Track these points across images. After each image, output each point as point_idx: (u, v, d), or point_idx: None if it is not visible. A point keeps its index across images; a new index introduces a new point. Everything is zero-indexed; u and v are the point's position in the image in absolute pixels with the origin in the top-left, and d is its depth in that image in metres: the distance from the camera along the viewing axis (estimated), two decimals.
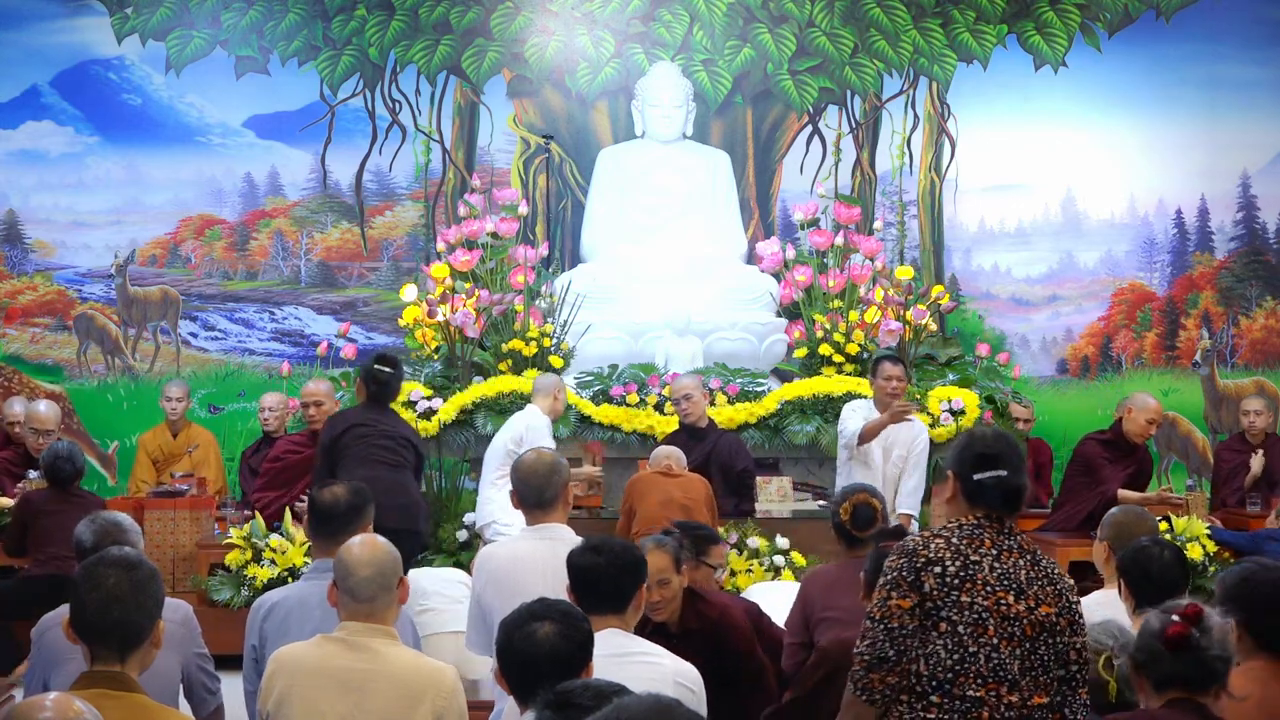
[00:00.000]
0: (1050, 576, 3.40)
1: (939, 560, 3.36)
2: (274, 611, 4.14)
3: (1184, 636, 3.06)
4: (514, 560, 4.33)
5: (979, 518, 3.45)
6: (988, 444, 3.50)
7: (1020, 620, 3.34)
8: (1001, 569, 3.37)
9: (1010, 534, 3.44)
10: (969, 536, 3.41)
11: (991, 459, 3.46)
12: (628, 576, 3.67)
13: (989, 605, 3.33)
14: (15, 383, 10.75)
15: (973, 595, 3.33)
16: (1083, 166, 11.31)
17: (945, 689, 3.31)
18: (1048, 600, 3.36)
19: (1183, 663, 3.07)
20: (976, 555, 3.38)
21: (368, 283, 11.12)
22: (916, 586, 3.35)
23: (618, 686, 2.50)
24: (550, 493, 4.37)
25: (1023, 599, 3.35)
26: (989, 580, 3.35)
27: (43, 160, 11.03)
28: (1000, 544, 3.41)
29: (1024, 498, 3.51)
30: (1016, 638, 3.33)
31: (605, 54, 11.00)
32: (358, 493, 4.38)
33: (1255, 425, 9.12)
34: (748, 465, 8.24)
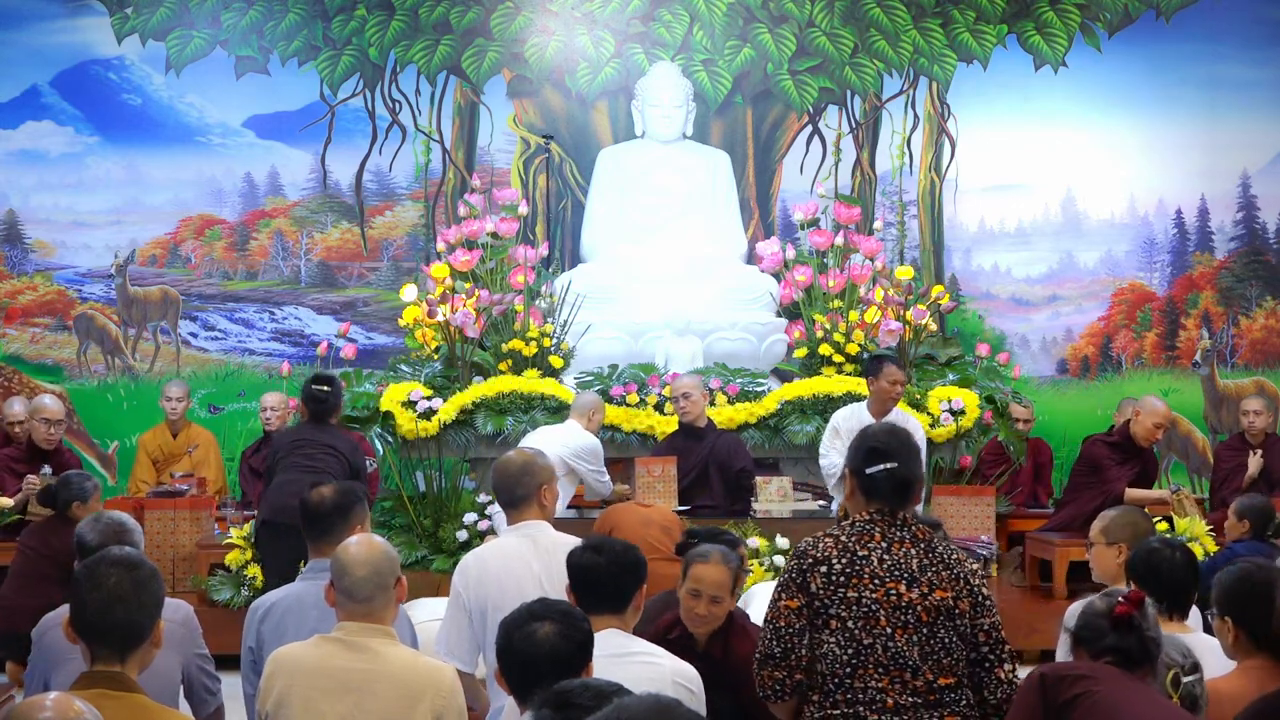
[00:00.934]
0: (946, 562, 3.53)
1: (825, 559, 3.51)
2: (271, 613, 4.14)
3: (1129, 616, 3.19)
4: (490, 559, 4.33)
5: (871, 513, 3.59)
6: (878, 439, 3.67)
7: (914, 607, 3.47)
8: (892, 560, 3.51)
9: (903, 525, 3.57)
10: (859, 533, 3.56)
11: (882, 453, 3.61)
12: (628, 576, 3.67)
13: (878, 597, 3.46)
14: (15, 383, 10.75)
15: (860, 590, 3.48)
16: (1083, 166, 11.31)
17: (846, 683, 3.45)
18: (942, 585, 3.49)
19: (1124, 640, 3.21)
20: (865, 550, 3.52)
21: (368, 283, 11.13)
22: (803, 587, 3.52)
23: (617, 686, 2.50)
24: (521, 491, 4.34)
25: (915, 586, 3.48)
26: (878, 573, 3.49)
27: (43, 160, 11.03)
28: (891, 536, 3.55)
29: (915, 489, 3.65)
30: (911, 625, 3.46)
31: (605, 54, 11.00)
32: (345, 493, 4.38)
33: (1255, 425, 9.12)
34: (746, 465, 8.24)
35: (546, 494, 4.35)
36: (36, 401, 8.50)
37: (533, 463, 4.40)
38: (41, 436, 8.28)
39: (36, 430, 8.29)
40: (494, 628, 4.01)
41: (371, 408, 8.62)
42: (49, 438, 8.29)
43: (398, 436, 8.59)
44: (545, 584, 4.03)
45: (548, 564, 4.11)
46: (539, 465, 4.39)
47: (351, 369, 9.19)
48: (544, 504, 4.34)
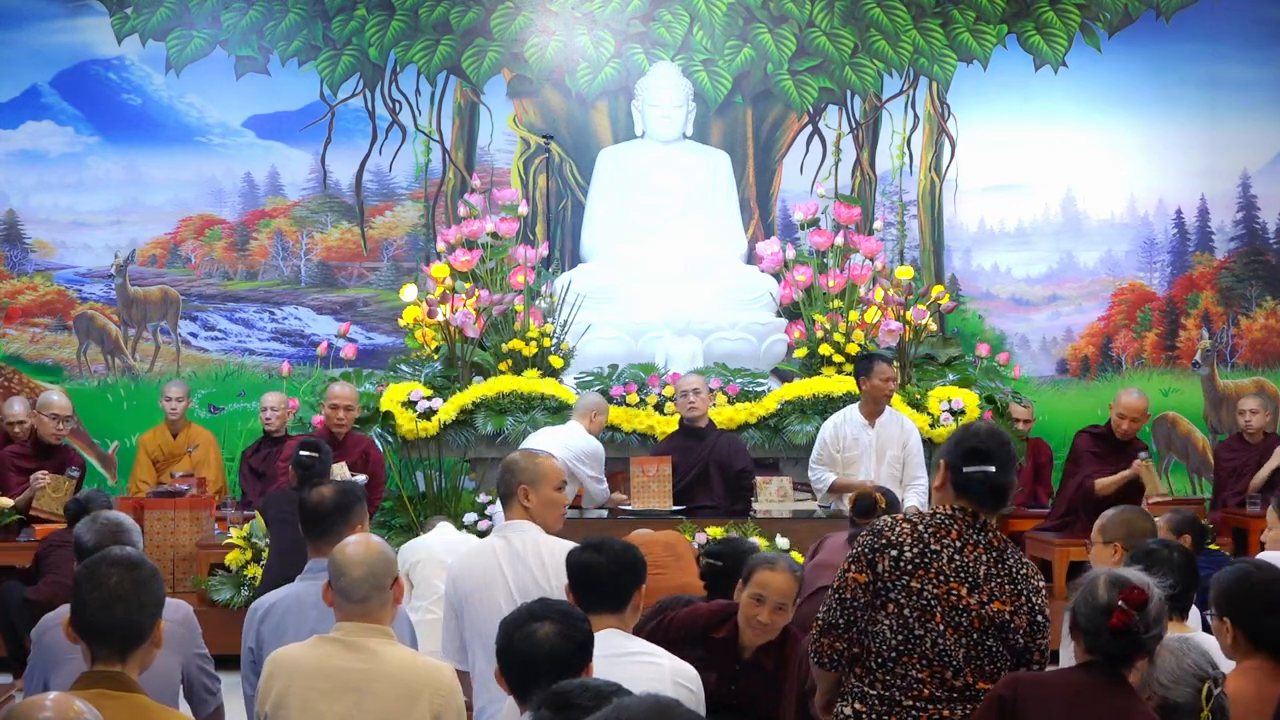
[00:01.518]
0: (1013, 576, 3.52)
1: (898, 544, 3.53)
2: (270, 613, 4.14)
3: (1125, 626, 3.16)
4: (467, 558, 4.35)
5: (955, 509, 3.58)
6: (981, 440, 3.62)
7: (969, 612, 3.48)
8: (961, 561, 3.52)
9: (982, 529, 3.57)
10: (937, 526, 3.57)
11: (983, 454, 3.58)
12: (627, 576, 3.67)
13: (939, 594, 3.48)
14: (15, 383, 10.75)
15: (923, 582, 3.49)
16: (1083, 166, 11.31)
17: (889, 666, 3.50)
18: (1002, 598, 3.49)
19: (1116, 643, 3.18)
20: (938, 545, 3.53)
21: (368, 283, 11.12)
22: (871, 565, 3.55)
23: (616, 686, 2.50)
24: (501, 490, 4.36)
25: (976, 593, 3.49)
26: (944, 570, 3.50)
27: (43, 160, 11.03)
28: (967, 537, 3.55)
29: (1008, 495, 3.64)
30: (964, 628, 3.47)
31: (605, 54, 11.00)
32: (345, 493, 4.38)
33: (1251, 424, 9.12)
34: (746, 465, 8.25)
35: (528, 495, 4.27)
36: (44, 397, 8.52)
37: (515, 463, 4.37)
38: (49, 432, 8.29)
39: (44, 425, 8.29)
40: (470, 626, 4.08)
41: (371, 408, 8.62)
42: (56, 433, 8.32)
43: (398, 436, 8.60)
44: (513, 586, 4.04)
45: (515, 564, 4.11)
46: (520, 465, 4.34)
47: (351, 369, 9.19)
48: (525, 505, 4.27)
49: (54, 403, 8.38)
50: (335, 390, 8.05)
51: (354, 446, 7.87)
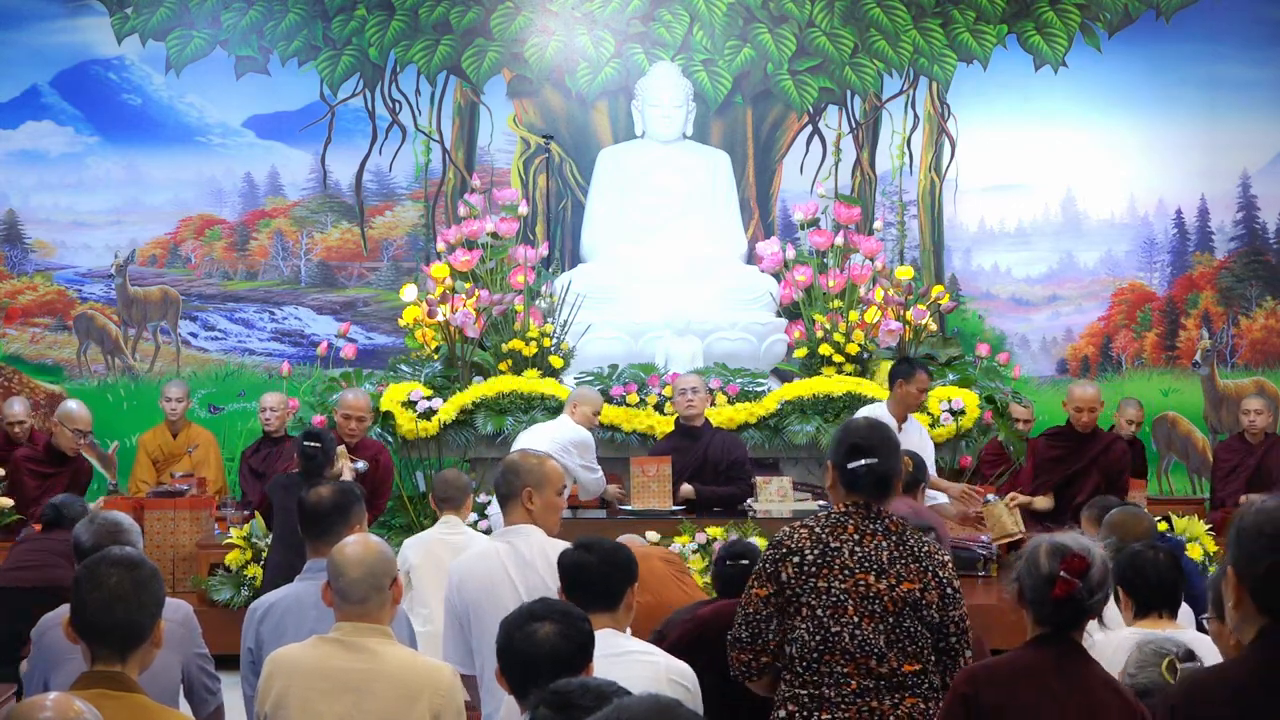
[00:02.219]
0: (916, 555, 3.65)
1: (799, 550, 3.64)
2: (270, 613, 4.14)
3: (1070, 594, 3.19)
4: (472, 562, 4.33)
5: (848, 505, 3.71)
6: (860, 435, 3.77)
7: (881, 598, 3.59)
8: (862, 552, 3.64)
9: (877, 518, 3.70)
10: (833, 524, 3.69)
11: (863, 449, 3.72)
12: (618, 574, 3.67)
13: (847, 588, 3.60)
14: (15, 383, 10.75)
15: (829, 580, 3.61)
16: (1083, 166, 11.30)
17: (814, 666, 3.59)
18: (910, 577, 3.61)
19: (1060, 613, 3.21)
20: (837, 542, 3.65)
21: (368, 283, 11.12)
22: (774, 577, 3.65)
23: (616, 686, 2.50)
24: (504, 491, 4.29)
25: (884, 578, 3.61)
26: (848, 564, 3.62)
27: (43, 160, 11.03)
28: (864, 528, 3.68)
29: (894, 483, 3.76)
30: (878, 614, 3.59)
31: (605, 54, 11.00)
32: (343, 493, 4.38)
33: (1255, 425, 9.13)
34: (739, 456, 8.23)
35: (532, 498, 4.23)
36: (65, 409, 8.46)
37: (518, 464, 4.31)
38: (68, 444, 8.28)
39: (64, 437, 8.27)
40: (478, 631, 4.04)
41: (371, 408, 8.62)
42: (74, 446, 8.31)
43: (398, 436, 8.60)
44: (522, 590, 4.00)
45: (523, 569, 4.09)
46: (525, 468, 4.28)
47: (351, 369, 9.19)
48: (528, 507, 4.23)
49: (75, 416, 8.34)
50: (349, 399, 7.69)
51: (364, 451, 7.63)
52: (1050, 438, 8.41)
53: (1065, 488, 8.10)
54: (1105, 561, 3.28)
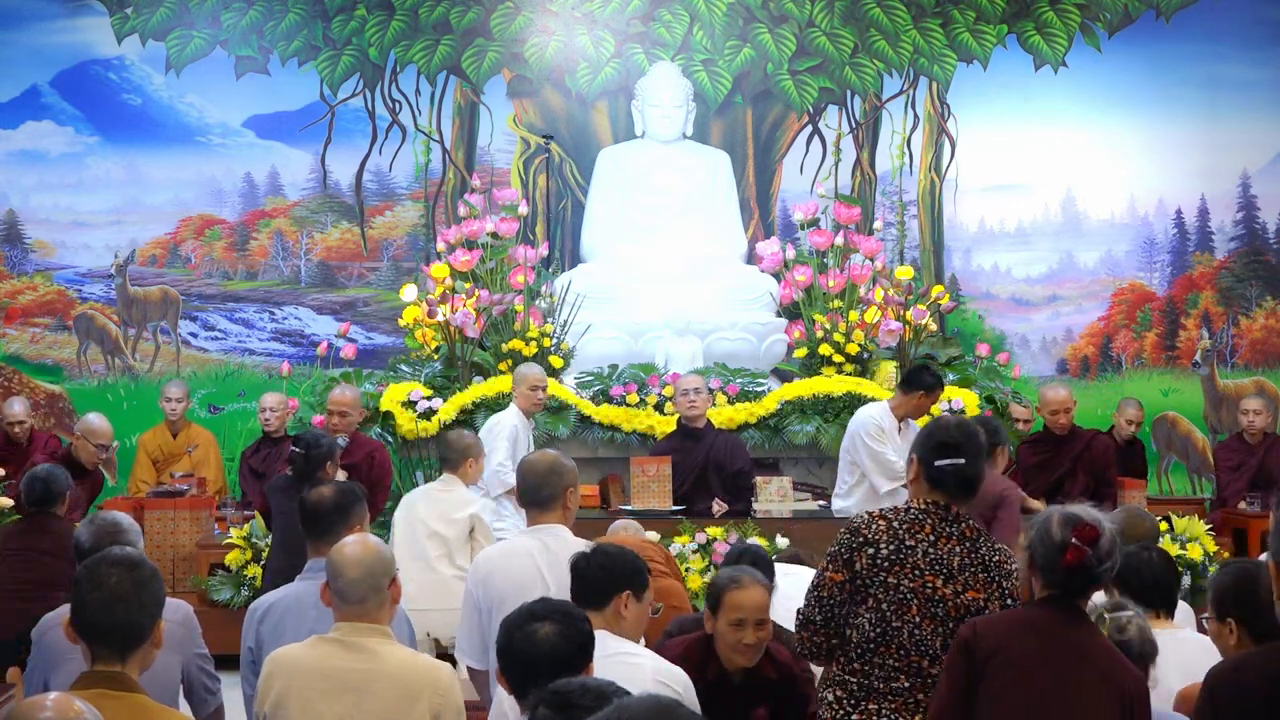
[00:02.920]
0: (986, 565, 3.68)
1: (874, 543, 3.69)
2: (270, 613, 4.14)
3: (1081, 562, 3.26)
4: (500, 558, 4.34)
5: (928, 503, 3.74)
6: (950, 434, 3.80)
7: (945, 602, 3.65)
8: (935, 555, 3.67)
9: (954, 521, 3.73)
10: (911, 522, 3.72)
11: (952, 447, 3.74)
12: (609, 578, 3.70)
13: (915, 587, 3.65)
14: (15, 383, 10.75)
15: (899, 577, 3.66)
16: (1083, 166, 11.30)
17: (867, 656, 3.67)
18: (976, 586, 3.65)
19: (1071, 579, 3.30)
20: (913, 540, 3.68)
21: (368, 283, 11.12)
22: (849, 564, 3.71)
23: (616, 686, 2.50)
24: (547, 492, 4.34)
25: (951, 584, 3.66)
26: (919, 565, 3.66)
27: (43, 160, 11.03)
28: (940, 530, 3.71)
29: (978, 485, 3.79)
30: (939, 618, 3.64)
31: (605, 54, 11.00)
32: (344, 493, 4.38)
33: (1254, 425, 9.13)
34: (744, 465, 8.23)
35: (571, 497, 4.35)
36: (88, 423, 8.32)
37: (559, 463, 4.39)
38: (90, 458, 8.19)
39: (87, 451, 8.16)
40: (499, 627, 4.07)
41: (371, 408, 8.62)
42: (96, 460, 8.26)
43: (398, 436, 8.60)
44: (553, 587, 4.03)
45: (555, 568, 4.11)
46: (566, 466, 4.38)
47: (351, 369, 9.19)
48: (568, 506, 4.34)
49: (98, 430, 8.24)
50: (332, 395, 7.85)
51: (358, 449, 7.66)
52: (1032, 444, 8.47)
53: (1055, 492, 8.13)
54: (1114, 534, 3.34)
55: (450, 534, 6.38)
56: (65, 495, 6.31)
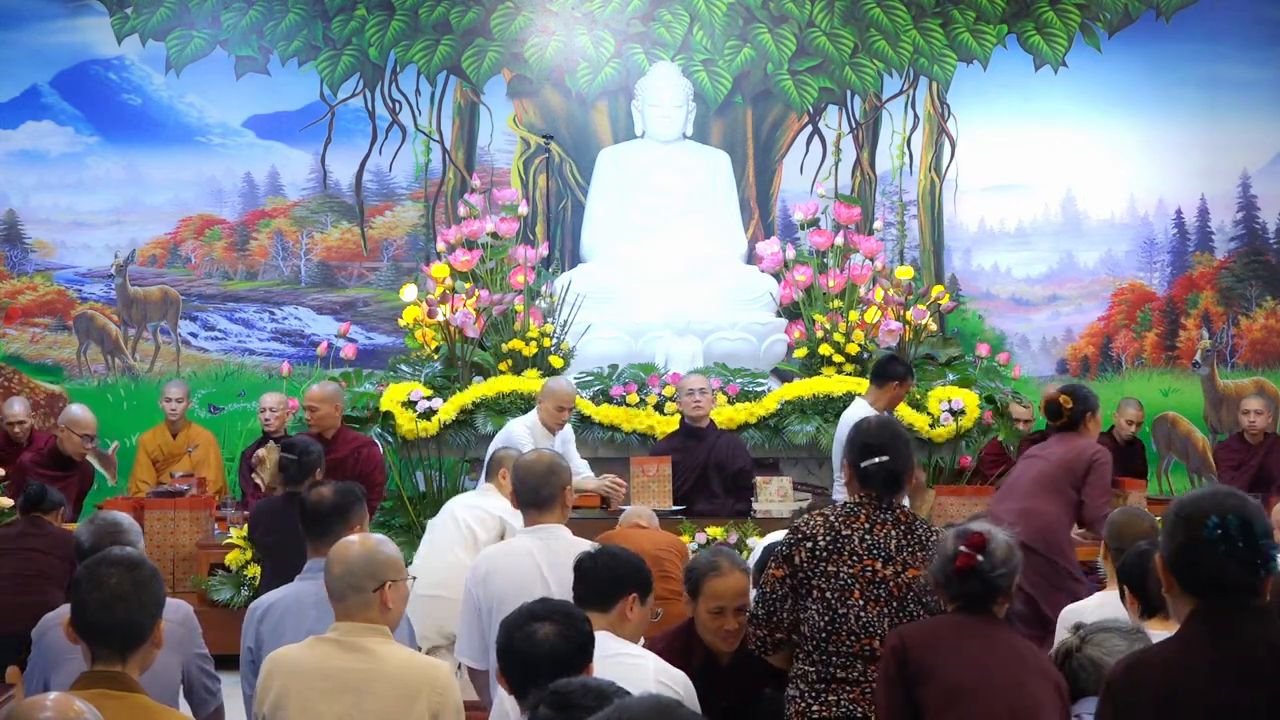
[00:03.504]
0: (923, 544, 3.90)
1: (812, 536, 3.92)
2: (270, 613, 4.14)
3: (970, 566, 3.43)
4: (501, 558, 4.34)
5: (861, 497, 3.98)
6: (872, 435, 4.06)
7: (886, 583, 3.86)
8: (871, 540, 3.90)
9: (888, 509, 3.97)
10: (846, 514, 3.96)
11: (875, 448, 4.00)
12: (615, 579, 3.71)
13: (855, 572, 3.86)
14: (15, 383, 10.75)
15: (839, 565, 3.87)
16: (1083, 166, 11.30)
17: (821, 645, 3.85)
18: (915, 564, 3.86)
19: (967, 585, 3.46)
20: (849, 530, 3.91)
21: (368, 283, 11.12)
22: (789, 559, 3.93)
23: (617, 686, 2.50)
24: (546, 492, 4.36)
25: (890, 564, 3.87)
26: (857, 550, 3.88)
27: (43, 160, 11.03)
28: (875, 518, 3.94)
29: (904, 479, 4.03)
30: (883, 599, 3.85)
31: (605, 54, 11.00)
32: (343, 493, 4.38)
33: (1255, 425, 9.13)
34: (745, 465, 8.24)
35: (568, 496, 4.41)
36: (70, 415, 8.40)
37: (556, 464, 4.43)
38: (75, 449, 8.29)
39: (72, 442, 8.26)
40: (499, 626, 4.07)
41: (371, 408, 8.62)
42: (82, 451, 8.34)
43: (398, 436, 8.60)
44: (554, 587, 4.04)
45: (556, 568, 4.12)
46: (562, 466, 4.43)
47: (351, 369, 9.19)
48: (566, 505, 4.40)
49: (82, 421, 8.32)
50: (307, 390, 7.88)
51: (344, 445, 7.55)
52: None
53: None
54: (1009, 543, 3.51)
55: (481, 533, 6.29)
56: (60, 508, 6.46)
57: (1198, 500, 2.67)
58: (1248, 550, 2.59)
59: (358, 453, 7.59)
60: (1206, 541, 2.60)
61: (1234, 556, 2.59)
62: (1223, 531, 2.59)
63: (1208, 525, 2.60)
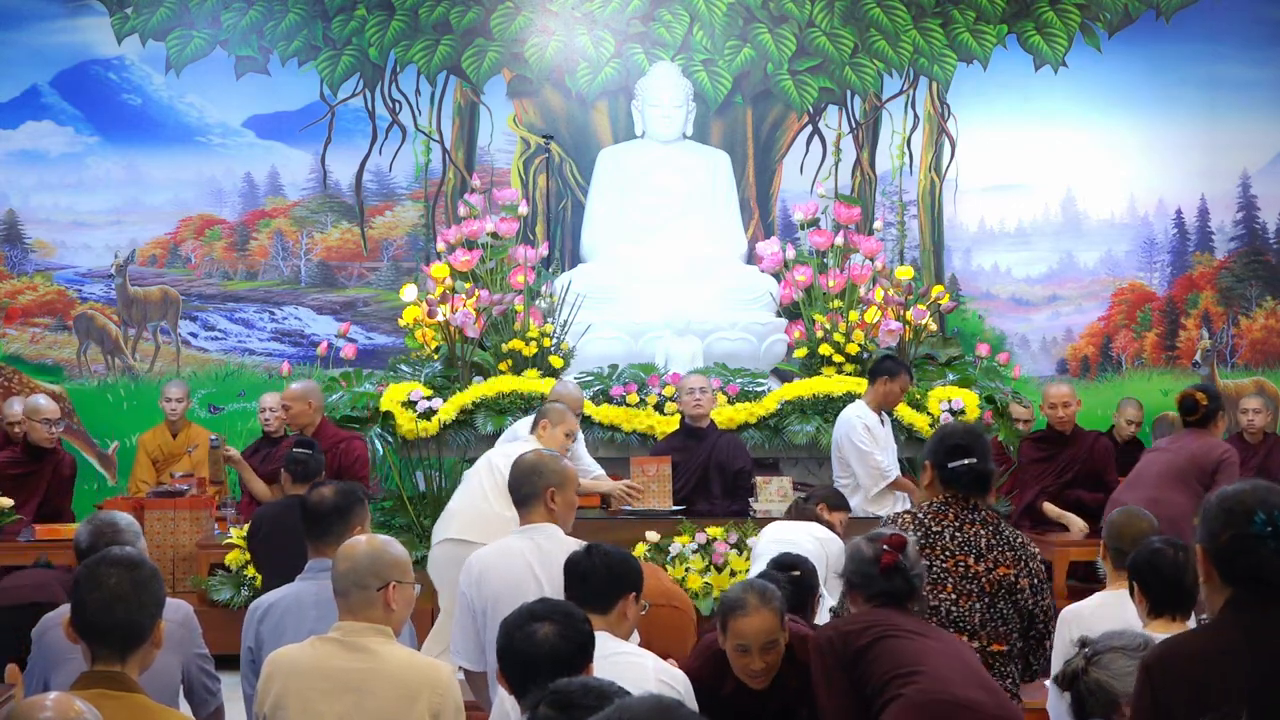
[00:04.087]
0: (1011, 544, 4.00)
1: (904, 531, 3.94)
2: (270, 613, 4.15)
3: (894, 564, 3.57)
4: (492, 558, 4.34)
5: (947, 496, 4.08)
6: (960, 437, 4.16)
7: (979, 579, 3.93)
8: (963, 537, 3.99)
9: (974, 509, 4.06)
10: (934, 512, 4.07)
11: (964, 449, 4.09)
12: (613, 579, 3.70)
13: (948, 566, 3.95)
14: (15, 383, 10.75)
15: (931, 559, 3.94)
16: (1083, 166, 11.30)
17: None
18: (1006, 563, 3.95)
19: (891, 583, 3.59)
20: (939, 526, 4.02)
21: (368, 283, 11.12)
22: None
23: (618, 686, 2.50)
24: (526, 490, 4.34)
25: (982, 561, 3.95)
26: (949, 546, 3.98)
27: (43, 160, 11.02)
28: (963, 517, 4.04)
29: (991, 481, 4.16)
30: (975, 594, 3.93)
31: (605, 54, 11.00)
32: (344, 494, 4.38)
33: (1254, 424, 9.13)
34: (745, 465, 8.23)
35: (555, 497, 4.32)
36: (31, 402, 8.56)
37: (541, 463, 4.38)
38: (41, 436, 8.34)
39: (36, 431, 8.34)
40: (495, 627, 4.05)
41: (371, 408, 8.62)
42: (49, 437, 8.36)
43: (398, 436, 8.59)
44: (546, 586, 4.04)
45: (548, 567, 4.11)
46: (548, 467, 4.37)
47: (351, 369, 9.19)
48: (550, 507, 4.31)
49: (42, 408, 8.44)
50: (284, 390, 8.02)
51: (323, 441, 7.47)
52: (1034, 442, 8.48)
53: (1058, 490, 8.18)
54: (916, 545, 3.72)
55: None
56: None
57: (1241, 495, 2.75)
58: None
59: (337, 448, 7.65)
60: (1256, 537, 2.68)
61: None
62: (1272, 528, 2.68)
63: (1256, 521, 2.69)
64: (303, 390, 7.91)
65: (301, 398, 7.84)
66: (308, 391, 7.91)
